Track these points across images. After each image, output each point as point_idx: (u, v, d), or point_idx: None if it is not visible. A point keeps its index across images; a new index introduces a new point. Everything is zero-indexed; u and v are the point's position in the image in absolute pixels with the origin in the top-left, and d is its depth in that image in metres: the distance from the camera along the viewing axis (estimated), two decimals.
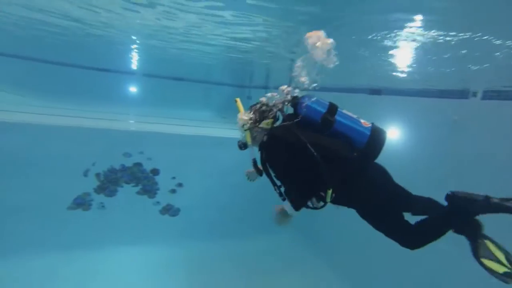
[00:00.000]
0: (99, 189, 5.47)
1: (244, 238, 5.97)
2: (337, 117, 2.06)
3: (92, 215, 5.42)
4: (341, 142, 2.03)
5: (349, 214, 2.30)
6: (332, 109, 2.08)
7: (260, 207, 6.04)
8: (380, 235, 2.20)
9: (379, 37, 3.39)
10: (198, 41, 5.88)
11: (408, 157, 4.17)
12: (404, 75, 4.65)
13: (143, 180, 5.58)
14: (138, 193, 5.62)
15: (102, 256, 5.11)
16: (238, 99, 2.36)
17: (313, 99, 2.12)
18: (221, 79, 10.42)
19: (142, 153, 5.51)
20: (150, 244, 5.50)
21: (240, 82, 10.58)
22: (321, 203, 2.13)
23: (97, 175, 5.45)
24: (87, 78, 9.11)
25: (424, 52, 3.54)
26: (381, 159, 2.17)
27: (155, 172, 5.62)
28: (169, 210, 5.73)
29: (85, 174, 5.38)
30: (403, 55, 3.90)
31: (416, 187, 2.27)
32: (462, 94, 3.61)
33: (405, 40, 3.33)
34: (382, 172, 2.19)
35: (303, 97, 2.18)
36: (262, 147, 2.19)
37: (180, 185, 5.75)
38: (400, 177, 2.23)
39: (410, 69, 4.37)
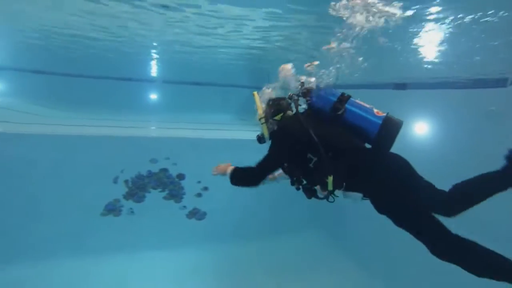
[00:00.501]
0: (128, 195, 5.63)
1: (271, 239, 5.95)
2: (347, 106, 2.01)
3: (122, 221, 5.58)
4: (349, 133, 2.00)
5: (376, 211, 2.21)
6: (343, 98, 2.03)
7: (286, 208, 6.08)
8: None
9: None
10: (217, 45, 5.97)
11: (438, 153, 4.03)
12: (430, 66, 4.48)
13: (170, 185, 5.69)
14: (165, 198, 5.74)
15: (132, 260, 5.23)
16: (255, 93, 2.37)
17: (324, 90, 2.11)
18: (238, 82, 10.48)
19: (168, 158, 5.63)
20: (178, 248, 5.58)
21: (258, 83, 10.57)
22: (327, 193, 2.03)
23: (126, 181, 5.61)
24: (110, 89, 9.42)
25: (454, 40, 3.39)
26: (408, 156, 1.99)
27: (181, 177, 5.72)
28: (196, 214, 5.81)
29: (115, 181, 5.56)
30: (431, 45, 3.73)
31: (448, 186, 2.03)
32: (499, 82, 3.42)
33: (432, 30, 3.22)
34: (402, 165, 1.97)
35: (316, 89, 2.17)
36: (271, 137, 2.24)
37: (205, 188, 5.82)
38: (430, 176, 2.01)
39: (438, 59, 4.19)
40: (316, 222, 6.27)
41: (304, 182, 2.17)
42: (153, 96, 10.39)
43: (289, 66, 2.35)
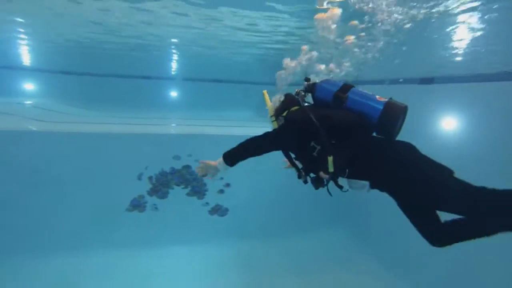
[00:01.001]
0: (152, 192, 5.76)
1: (294, 236, 5.95)
2: (349, 94, 2.01)
3: (146, 216, 5.72)
4: (351, 114, 1.96)
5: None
6: (345, 87, 2.05)
7: (310, 205, 6.02)
8: None
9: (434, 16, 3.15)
10: (238, 41, 5.98)
11: (468, 149, 3.88)
12: (460, 58, 4.29)
13: (192, 181, 5.78)
14: (188, 194, 5.83)
15: (156, 255, 5.36)
16: (265, 92, 2.41)
17: (326, 81, 2.14)
18: (259, 78, 10.46)
19: (190, 155, 5.70)
20: (200, 244, 5.67)
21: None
22: (329, 176, 1.98)
23: (150, 178, 5.75)
24: (133, 87, 9.66)
25: (486, 31, 3.23)
26: (436, 152, 1.89)
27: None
28: (218, 211, 5.88)
29: (139, 177, 5.70)
30: (461, 37, 3.57)
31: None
32: None
33: (463, 22, 3.08)
34: (407, 154, 1.90)
35: (319, 82, 2.19)
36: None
37: (228, 185, 5.87)
38: (460, 173, 1.84)
39: (468, 51, 4.00)
40: (340, 219, 6.20)
41: (311, 173, 2.16)
42: (174, 94, 10.56)
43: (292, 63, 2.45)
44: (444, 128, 4.33)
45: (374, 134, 2.03)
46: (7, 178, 4.94)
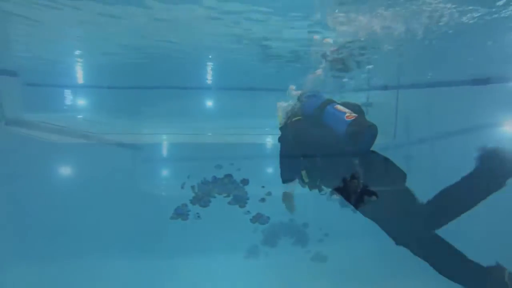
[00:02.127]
0: (195, 200, 5.88)
1: (338, 244, 5.82)
2: (325, 110, 2.34)
3: (190, 224, 5.84)
4: (325, 135, 2.31)
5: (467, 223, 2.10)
6: (325, 102, 2.39)
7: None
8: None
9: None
10: (271, 47, 6.00)
11: None
12: None
13: (234, 190, 5.84)
14: (229, 203, 5.89)
15: (199, 262, 5.49)
16: (278, 104, 2.92)
17: (311, 95, 2.56)
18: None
19: (232, 164, 5.78)
20: (242, 251, 5.72)
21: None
22: (305, 183, 2.55)
23: (192, 187, 5.88)
24: (171, 98, 10.00)
25: None
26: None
27: (245, 182, 5.85)
28: (259, 219, 5.87)
29: (182, 186, 5.85)
30: None
31: None
32: None
33: None
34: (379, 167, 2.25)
35: (309, 95, 2.62)
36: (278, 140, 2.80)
37: (269, 193, 5.87)
38: None
39: None
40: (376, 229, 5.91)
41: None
42: (210, 103, 10.79)
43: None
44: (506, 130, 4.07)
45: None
46: (67, 188, 5.29)
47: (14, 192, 5.31)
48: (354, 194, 2.28)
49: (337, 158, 2.30)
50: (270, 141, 6.45)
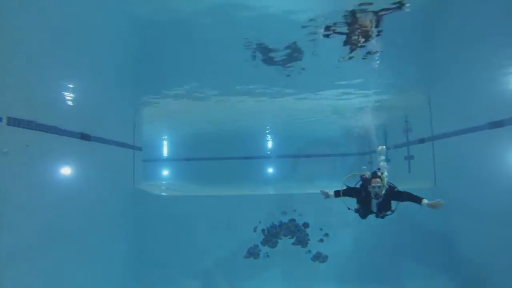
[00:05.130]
0: (264, 242, 7.14)
1: (396, 284, 6.40)
2: None
3: (260, 263, 7.00)
4: None
5: None
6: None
7: (415, 251, 6.46)
8: None
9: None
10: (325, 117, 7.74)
11: None
12: None
13: (297, 232, 7.02)
14: (293, 244, 7.03)
15: None
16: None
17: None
18: (343, 150, 11.88)
19: (295, 211, 7.11)
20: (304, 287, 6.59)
21: (361, 150, 11.80)
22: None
23: (263, 230, 7.20)
24: (238, 167, 12.01)
25: None
26: None
27: (306, 225, 7.04)
28: (319, 257, 6.83)
29: (254, 230, 7.21)
30: None
31: None
32: None
33: None
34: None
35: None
36: None
37: (326, 235, 6.93)
38: None
39: None
40: (450, 267, 6.24)
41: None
42: (270, 170, 12.54)
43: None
44: None
45: None
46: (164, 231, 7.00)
47: None
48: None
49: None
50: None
